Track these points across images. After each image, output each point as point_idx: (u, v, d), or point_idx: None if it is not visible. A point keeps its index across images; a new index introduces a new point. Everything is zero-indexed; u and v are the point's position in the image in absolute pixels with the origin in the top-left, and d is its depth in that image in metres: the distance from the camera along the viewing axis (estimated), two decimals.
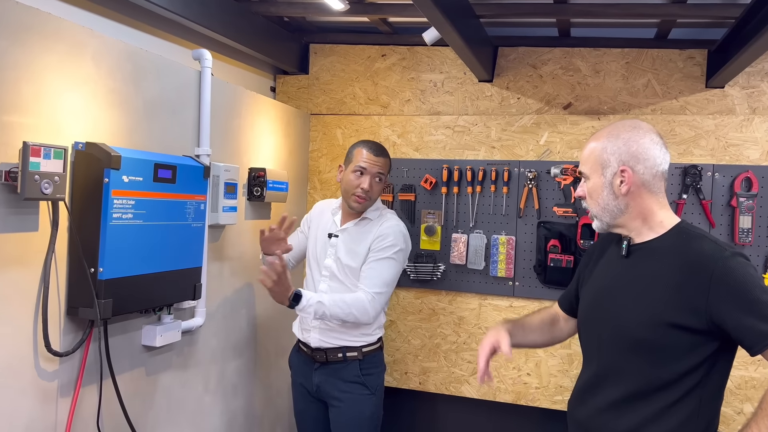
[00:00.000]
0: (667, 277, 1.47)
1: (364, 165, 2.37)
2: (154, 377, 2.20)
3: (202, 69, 2.36)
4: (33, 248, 1.68)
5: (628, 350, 1.52)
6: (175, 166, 2.02)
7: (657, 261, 1.51)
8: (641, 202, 1.53)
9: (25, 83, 1.62)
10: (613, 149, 1.52)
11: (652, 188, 1.53)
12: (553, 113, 3.04)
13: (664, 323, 1.45)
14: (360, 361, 2.41)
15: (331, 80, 3.38)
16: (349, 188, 2.38)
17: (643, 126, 1.55)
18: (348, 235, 2.43)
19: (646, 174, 1.51)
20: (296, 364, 2.54)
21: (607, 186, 1.53)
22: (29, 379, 1.69)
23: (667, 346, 1.46)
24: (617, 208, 1.54)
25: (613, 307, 1.56)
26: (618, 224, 1.56)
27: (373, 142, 2.47)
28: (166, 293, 2.06)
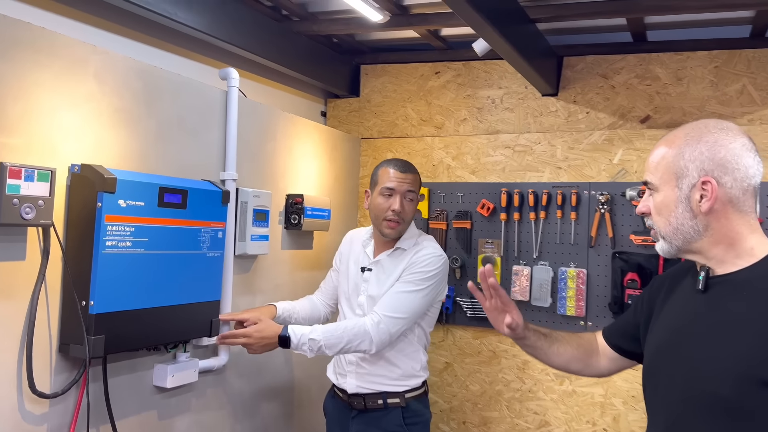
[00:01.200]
0: (759, 321, 1.13)
1: (391, 185, 2.12)
2: (168, 422, 2.02)
3: (229, 89, 2.21)
4: (19, 279, 1.54)
5: (705, 412, 1.17)
6: (185, 190, 1.86)
7: (746, 299, 1.17)
8: (726, 223, 1.20)
9: (11, 100, 1.50)
10: (692, 155, 1.20)
11: (742, 206, 1.20)
12: (628, 128, 2.67)
13: (754, 380, 1.10)
14: (403, 408, 2.13)
15: (382, 102, 3.17)
16: (379, 213, 2.13)
17: (732, 128, 1.23)
18: (381, 268, 2.17)
19: (735, 188, 1.19)
20: (331, 411, 2.29)
21: (682, 201, 1.22)
22: (12, 423, 1.54)
23: (757, 411, 1.10)
24: (694, 229, 1.22)
25: (689, 355, 1.22)
26: (693, 249, 1.24)
27: (398, 159, 2.23)
28: (176, 329, 1.88)
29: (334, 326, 2.02)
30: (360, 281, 2.20)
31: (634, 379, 2.56)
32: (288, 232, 2.59)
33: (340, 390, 2.21)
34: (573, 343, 1.61)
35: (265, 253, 2.36)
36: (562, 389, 2.70)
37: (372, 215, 2.18)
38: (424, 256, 2.13)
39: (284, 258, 2.58)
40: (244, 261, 2.34)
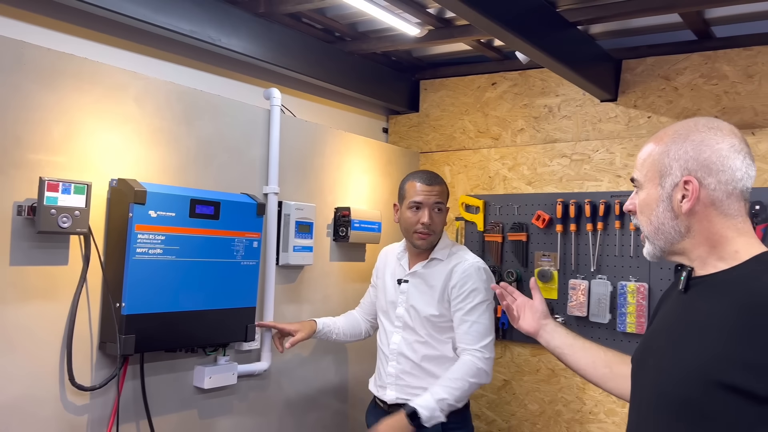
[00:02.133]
0: (724, 320, 1.07)
1: (419, 198, 2.13)
2: (210, 421, 2.13)
3: (271, 107, 2.34)
4: (62, 282, 1.73)
5: (671, 415, 1.12)
6: (218, 202, 1.98)
7: (717, 301, 1.11)
8: (709, 226, 1.14)
9: (54, 123, 1.70)
10: (678, 153, 1.14)
11: (726, 209, 1.13)
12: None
13: (713, 382, 1.05)
14: (443, 423, 2.03)
15: (440, 116, 3.18)
16: (409, 226, 2.15)
17: (724, 128, 1.15)
18: (418, 279, 2.18)
19: (719, 190, 1.12)
20: (373, 422, 2.25)
21: (664, 200, 1.16)
22: (53, 411, 1.71)
23: (718, 414, 1.04)
24: (675, 230, 1.16)
25: (658, 356, 1.19)
26: (676, 251, 1.18)
27: (424, 172, 2.25)
28: (211, 333, 2.00)
29: (448, 378, 2.01)
30: (397, 294, 2.21)
31: None
32: (337, 245, 2.66)
33: (381, 401, 2.22)
34: (597, 352, 1.55)
35: (309, 263, 2.45)
36: (624, 411, 2.52)
37: (402, 228, 2.21)
38: (468, 273, 2.10)
39: (333, 269, 2.65)
40: (289, 271, 2.44)
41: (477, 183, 3.00)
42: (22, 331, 1.65)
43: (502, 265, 2.86)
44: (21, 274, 1.64)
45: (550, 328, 1.59)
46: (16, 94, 1.63)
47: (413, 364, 2.12)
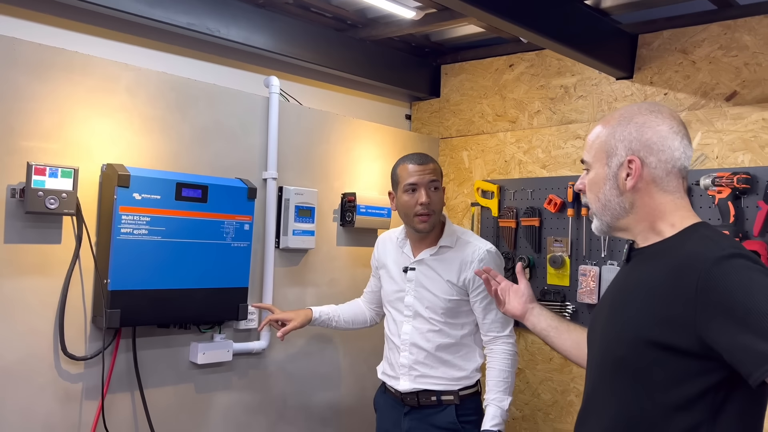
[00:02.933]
0: (652, 283, 1.19)
1: (413, 180, 2.06)
2: (207, 395, 2.24)
3: (270, 95, 2.41)
4: (55, 259, 1.88)
5: (611, 374, 1.25)
6: (206, 186, 2.07)
7: (649, 268, 1.22)
8: (650, 201, 1.24)
9: (46, 113, 1.85)
10: (622, 135, 1.24)
11: (666, 186, 1.23)
12: (711, 107, 2.31)
13: (643, 340, 1.16)
14: (457, 405, 2.06)
15: (460, 100, 3.14)
16: (408, 210, 2.08)
17: (664, 111, 1.25)
18: (427, 267, 2.10)
19: (659, 168, 1.22)
20: (382, 406, 2.22)
21: (610, 179, 1.25)
22: (49, 378, 1.86)
23: (650, 370, 1.15)
24: (620, 206, 1.25)
25: (601, 321, 1.31)
26: (621, 226, 1.29)
27: (414, 154, 2.16)
28: (202, 311, 2.09)
29: (497, 372, 2.02)
30: (404, 282, 2.14)
31: None
32: (344, 229, 2.70)
33: (393, 389, 2.16)
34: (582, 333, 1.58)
35: (310, 247, 2.50)
36: None
37: (402, 215, 2.13)
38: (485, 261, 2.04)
39: (340, 253, 2.69)
40: (291, 254, 2.50)
41: (493, 168, 2.95)
42: (18, 303, 1.80)
43: (515, 250, 2.80)
44: (15, 251, 1.80)
45: (537, 312, 1.66)
46: (8, 87, 1.79)
47: (427, 354, 2.07)
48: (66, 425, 1.90)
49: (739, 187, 2.10)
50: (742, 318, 1.04)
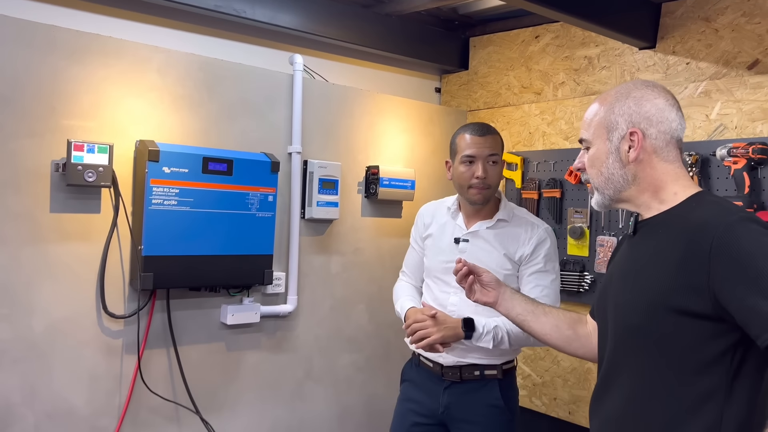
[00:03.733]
0: (666, 252, 1.23)
1: (471, 152, 1.99)
2: (237, 353, 2.43)
3: (294, 72, 2.52)
4: (95, 227, 2.07)
5: (628, 343, 1.29)
6: (231, 159, 2.22)
7: (658, 237, 1.27)
8: (651, 172, 1.29)
9: (83, 94, 2.03)
10: (622, 110, 1.30)
11: (666, 156, 1.29)
12: (732, 76, 2.28)
13: (662, 307, 1.21)
14: (500, 380, 2.04)
15: (488, 72, 3.17)
16: (464, 182, 2.01)
17: (657, 86, 1.32)
18: (482, 240, 2.04)
19: (659, 139, 1.28)
20: (416, 378, 2.14)
21: (613, 152, 1.31)
22: (93, 334, 2.08)
23: (668, 336, 1.20)
24: (623, 178, 1.31)
25: (613, 293, 1.35)
26: (623, 198, 1.34)
27: (475, 124, 2.09)
28: (228, 276, 2.26)
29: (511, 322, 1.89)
30: (455, 253, 2.04)
31: None
32: (369, 201, 2.81)
33: (430, 361, 2.10)
34: (559, 315, 1.63)
35: (334, 218, 2.63)
36: None
37: (456, 185, 2.07)
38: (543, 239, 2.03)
39: (365, 224, 2.81)
40: (316, 224, 2.64)
41: (518, 140, 2.98)
42: (63, 266, 2.01)
43: None
44: (60, 219, 2.01)
45: (509, 296, 1.64)
46: (49, 71, 1.97)
47: None
48: (109, 376, 2.12)
49: (755, 158, 2.07)
50: (753, 280, 1.08)
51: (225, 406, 2.39)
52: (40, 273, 1.97)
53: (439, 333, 1.89)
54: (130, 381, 2.16)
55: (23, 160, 1.94)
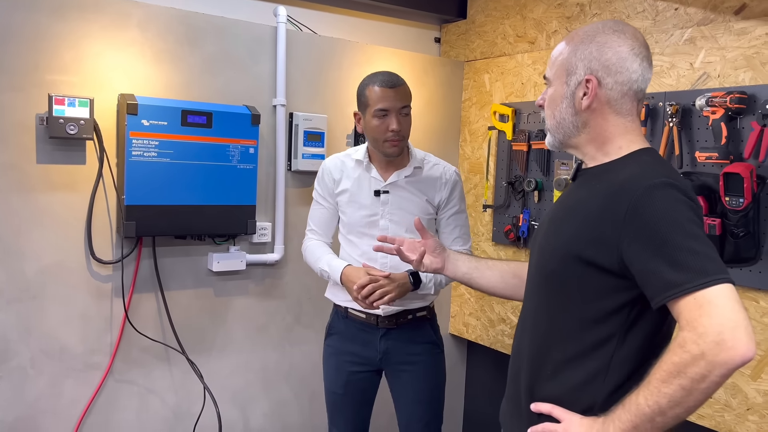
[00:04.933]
0: (590, 204, 1.25)
1: (383, 105, 2.00)
2: (226, 299, 2.55)
3: (277, 24, 2.55)
4: (81, 178, 2.19)
5: (541, 286, 1.35)
6: (210, 112, 2.29)
7: (589, 188, 1.29)
8: (602, 122, 1.27)
9: (65, 50, 2.11)
10: (584, 54, 1.26)
11: (620, 108, 1.27)
12: (719, 22, 2.19)
13: (572, 255, 1.24)
14: (429, 320, 2.20)
15: (484, 21, 3.12)
16: (378, 135, 2.03)
17: (628, 31, 1.27)
18: (402, 190, 2.10)
19: (615, 90, 1.25)
20: (345, 331, 2.20)
21: (568, 97, 1.29)
22: (82, 277, 2.22)
23: (576, 284, 1.25)
24: (573, 125, 1.29)
25: (540, 236, 1.40)
26: (572, 144, 1.33)
27: (383, 73, 2.07)
28: (211, 225, 2.35)
29: None
30: (377, 206, 2.10)
31: None
32: None
33: (362, 312, 2.15)
34: (502, 266, 1.70)
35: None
36: None
37: (369, 138, 2.08)
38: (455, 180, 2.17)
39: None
40: (303, 176, 2.70)
41: (511, 91, 2.94)
42: (51, 215, 2.14)
43: (527, 173, 2.83)
44: (47, 170, 2.12)
45: (453, 258, 1.71)
46: (32, 28, 2.05)
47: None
48: (100, 317, 2.26)
49: (732, 107, 2.01)
50: (659, 246, 1.11)
51: (214, 348, 2.53)
52: (30, 221, 2.11)
53: (396, 291, 1.98)
54: (120, 322, 2.30)
55: (9, 114, 2.05)
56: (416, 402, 2.21)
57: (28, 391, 2.14)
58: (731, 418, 2.13)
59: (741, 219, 2.01)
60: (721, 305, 1.04)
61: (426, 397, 2.21)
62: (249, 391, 2.64)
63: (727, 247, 2.07)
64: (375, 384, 2.29)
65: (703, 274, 1.06)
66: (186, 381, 2.46)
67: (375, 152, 2.12)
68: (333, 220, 2.22)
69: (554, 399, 1.27)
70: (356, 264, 2.10)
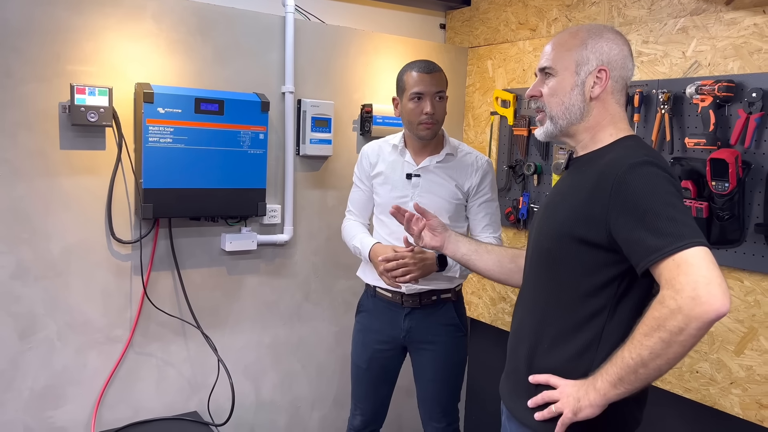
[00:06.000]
0: (581, 186, 1.38)
1: (419, 89, 2.13)
2: (238, 277, 2.69)
3: (286, 14, 2.65)
4: (102, 163, 2.32)
5: (538, 265, 1.48)
6: (221, 100, 2.40)
7: (580, 174, 1.42)
8: (604, 111, 1.42)
9: (84, 41, 2.23)
10: (595, 47, 1.42)
11: (618, 99, 1.44)
12: (711, 12, 2.26)
13: (567, 235, 1.38)
14: (454, 302, 2.31)
15: (488, 8, 3.19)
16: (413, 118, 2.16)
17: (621, 35, 1.47)
18: (433, 174, 2.22)
19: (618, 83, 1.43)
20: (373, 309, 2.35)
21: (578, 85, 1.42)
22: (103, 256, 2.36)
23: (568, 259, 1.38)
24: (581, 111, 1.43)
25: (537, 220, 1.53)
26: (570, 132, 1.46)
27: (420, 61, 2.21)
28: (223, 207, 2.48)
29: None
30: (408, 189, 2.22)
31: None
32: (364, 139, 2.96)
33: (388, 291, 2.28)
34: (500, 251, 1.82)
35: (327, 154, 2.80)
36: None
37: (405, 122, 2.21)
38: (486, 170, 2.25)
39: None
40: (311, 161, 2.82)
41: (513, 77, 3.03)
42: (73, 197, 2.28)
43: (527, 157, 2.93)
44: (69, 155, 2.26)
45: (454, 238, 1.83)
46: (53, 21, 2.17)
47: None
48: (120, 293, 2.41)
49: (720, 95, 2.10)
50: (641, 216, 1.23)
51: (227, 323, 2.68)
52: (55, 203, 2.25)
53: (419, 270, 2.08)
54: (139, 298, 2.45)
55: (34, 103, 2.18)
56: (434, 381, 2.32)
57: (56, 361, 2.30)
58: (716, 392, 2.24)
59: (727, 203, 2.10)
60: (696, 264, 1.16)
61: (444, 376, 2.32)
62: (260, 363, 2.79)
63: (713, 229, 2.17)
64: (398, 363, 2.41)
65: (680, 238, 1.18)
66: (201, 354, 2.61)
67: (410, 137, 2.26)
68: (369, 202, 2.39)
69: (551, 370, 1.39)
70: (385, 243, 2.23)
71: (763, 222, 2.05)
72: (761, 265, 2.08)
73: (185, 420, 2.52)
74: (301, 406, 2.95)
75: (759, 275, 2.11)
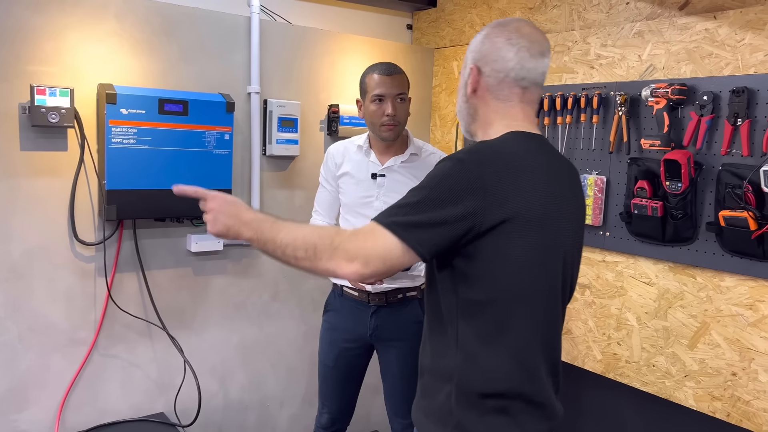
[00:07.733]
0: None
1: (380, 91, 2.16)
2: (204, 278, 2.69)
3: (251, 15, 2.65)
4: (64, 164, 2.30)
5: None
6: (186, 101, 2.40)
7: None
8: (486, 109, 1.39)
9: (45, 41, 2.21)
10: (472, 47, 1.41)
11: (499, 94, 1.37)
12: (665, 17, 2.33)
13: None
14: (419, 299, 2.34)
15: (453, 10, 3.23)
16: (375, 119, 2.19)
17: (510, 24, 1.38)
18: (398, 174, 2.24)
19: (492, 77, 1.36)
20: (340, 308, 2.37)
21: (462, 86, 1.43)
22: (66, 258, 2.34)
23: None
24: (467, 111, 1.42)
25: None
26: (471, 131, 1.45)
27: (382, 63, 2.23)
28: (188, 208, 2.43)
29: None
30: (373, 188, 2.25)
31: (647, 295, 2.38)
32: (331, 138, 2.98)
33: (355, 290, 2.31)
34: None
35: (294, 154, 2.81)
36: (584, 299, 2.64)
37: (368, 123, 2.24)
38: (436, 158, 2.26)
39: None
40: (278, 161, 2.83)
41: None
42: (35, 199, 2.26)
43: None
44: (30, 157, 2.23)
45: None
46: (13, 21, 2.15)
47: None
48: (84, 295, 2.39)
49: (674, 98, 2.17)
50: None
51: (194, 324, 2.68)
52: (15, 205, 2.22)
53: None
54: (104, 300, 2.44)
55: None
56: (401, 377, 2.34)
57: (18, 364, 2.28)
58: (671, 384, 2.32)
59: (680, 202, 2.18)
60: (372, 239, 1.23)
61: (410, 372, 2.31)
62: (227, 364, 2.80)
63: (667, 228, 2.24)
64: (365, 361, 2.43)
65: (390, 216, 1.24)
66: (167, 355, 2.61)
67: (374, 138, 2.28)
68: (336, 202, 2.39)
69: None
70: None
71: (714, 221, 2.13)
72: (713, 262, 2.16)
73: (151, 421, 2.52)
74: (270, 405, 2.96)
75: (711, 272, 2.19)
